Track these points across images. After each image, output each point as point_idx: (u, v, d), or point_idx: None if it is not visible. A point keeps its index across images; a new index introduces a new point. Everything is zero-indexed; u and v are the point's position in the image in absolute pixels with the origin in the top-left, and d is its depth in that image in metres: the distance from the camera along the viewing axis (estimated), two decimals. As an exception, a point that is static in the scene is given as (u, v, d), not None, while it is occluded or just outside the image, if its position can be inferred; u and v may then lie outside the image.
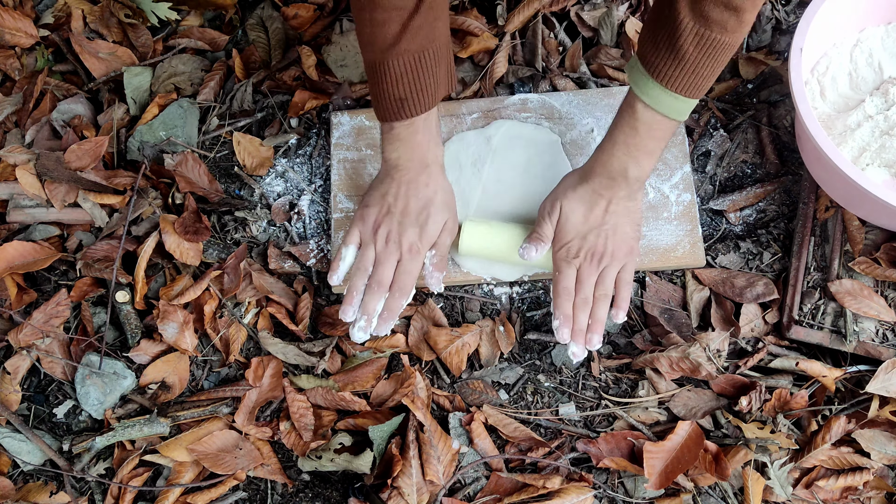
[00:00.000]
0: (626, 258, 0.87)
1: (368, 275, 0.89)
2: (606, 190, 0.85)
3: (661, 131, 0.81)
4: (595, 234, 0.86)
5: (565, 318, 0.86)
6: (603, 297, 0.87)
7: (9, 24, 1.12)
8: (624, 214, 0.86)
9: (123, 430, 0.92)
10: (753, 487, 0.86)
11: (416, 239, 0.88)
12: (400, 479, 0.87)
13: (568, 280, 0.87)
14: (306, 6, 1.13)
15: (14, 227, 1.03)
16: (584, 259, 0.87)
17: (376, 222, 0.89)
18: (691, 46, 0.72)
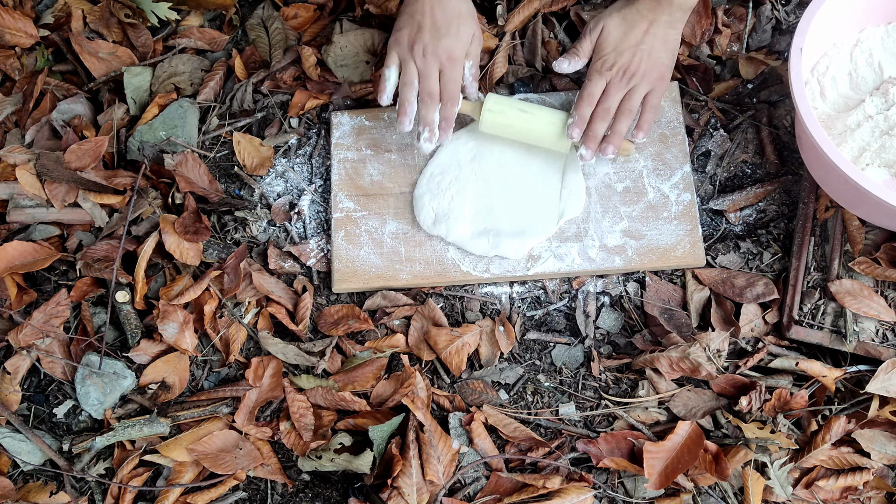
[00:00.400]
0: (657, 82, 0.91)
1: (416, 88, 0.92)
2: (650, 12, 0.88)
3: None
4: (631, 53, 0.90)
5: (580, 118, 0.91)
6: (627, 111, 0.91)
7: (9, 24, 1.11)
8: (662, 39, 0.90)
9: (123, 430, 0.92)
10: (753, 487, 0.86)
11: (452, 47, 0.91)
12: (400, 479, 0.87)
13: (595, 87, 0.91)
14: (306, 6, 1.13)
15: (14, 227, 1.03)
16: (616, 73, 0.90)
17: (410, 40, 0.91)
18: None
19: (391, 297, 0.98)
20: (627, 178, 1.00)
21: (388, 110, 1.05)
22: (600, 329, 0.97)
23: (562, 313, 0.98)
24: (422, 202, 0.99)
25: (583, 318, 0.97)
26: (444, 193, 0.99)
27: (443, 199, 0.99)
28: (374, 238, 0.99)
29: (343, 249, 0.99)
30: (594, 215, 0.98)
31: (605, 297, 0.98)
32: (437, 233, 0.98)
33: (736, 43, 1.08)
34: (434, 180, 1.00)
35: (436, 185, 1.00)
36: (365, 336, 0.98)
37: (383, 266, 0.98)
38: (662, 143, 1.00)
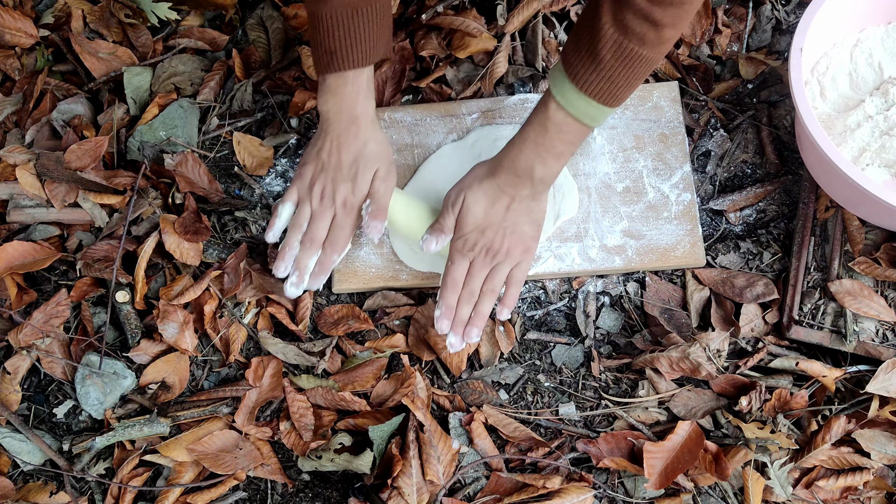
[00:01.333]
0: (521, 257, 0.88)
1: (303, 231, 0.90)
2: (510, 187, 0.85)
3: (572, 135, 0.80)
4: (493, 231, 0.86)
5: (447, 308, 0.87)
6: (489, 292, 0.88)
7: (9, 24, 1.11)
8: (525, 213, 0.86)
9: (123, 430, 0.92)
10: (753, 487, 0.86)
11: (349, 193, 0.89)
12: (400, 479, 0.87)
13: (458, 272, 0.88)
14: (306, 6, 1.13)
15: (14, 227, 1.03)
16: (479, 253, 0.87)
17: (312, 179, 0.90)
18: (609, 53, 0.72)
19: (391, 297, 0.98)
20: (627, 178, 1.00)
21: (388, 109, 1.05)
22: (600, 329, 0.97)
23: (562, 313, 0.98)
24: (399, 241, 0.98)
25: (583, 318, 0.97)
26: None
27: None
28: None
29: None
30: (594, 215, 0.98)
31: (605, 297, 0.98)
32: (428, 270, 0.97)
33: (736, 43, 1.08)
34: None
35: None
36: (365, 336, 0.98)
37: (383, 266, 0.98)
38: (662, 143, 1.00)
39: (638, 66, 0.73)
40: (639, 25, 0.69)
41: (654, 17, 0.68)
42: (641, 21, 0.69)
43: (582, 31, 0.74)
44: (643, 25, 0.69)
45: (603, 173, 1.00)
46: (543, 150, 0.82)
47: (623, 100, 0.77)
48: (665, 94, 1.02)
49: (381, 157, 0.90)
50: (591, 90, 0.75)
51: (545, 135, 0.81)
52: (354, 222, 0.91)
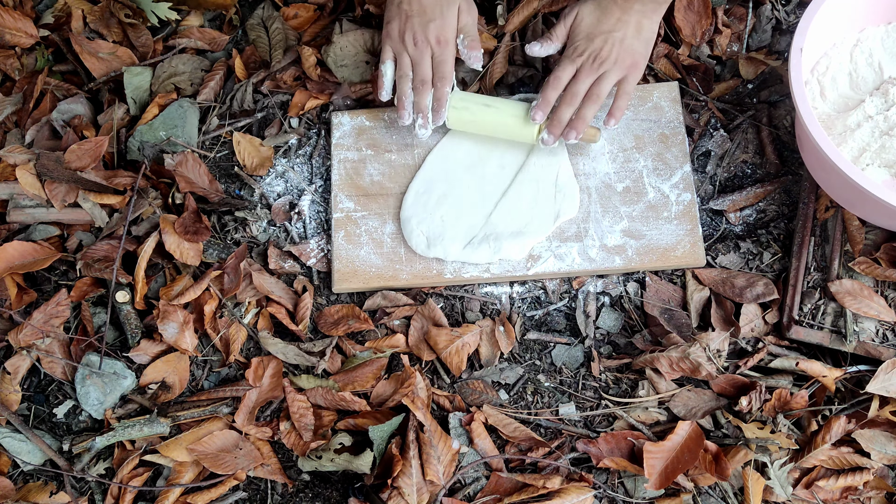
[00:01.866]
0: (630, 70, 0.89)
1: (411, 78, 0.94)
2: (623, 0, 0.87)
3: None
4: (602, 39, 0.88)
5: (545, 101, 0.89)
6: (595, 96, 0.89)
7: (9, 24, 1.11)
8: (635, 27, 0.88)
9: (123, 430, 0.92)
10: (753, 487, 0.86)
11: (440, 31, 0.93)
12: (400, 479, 0.87)
13: (563, 72, 0.89)
14: (306, 6, 1.13)
15: (14, 227, 1.03)
16: (587, 59, 0.89)
17: (400, 31, 0.94)
18: None
19: (391, 297, 0.98)
20: (627, 178, 1.00)
21: (388, 110, 1.05)
22: (600, 329, 0.97)
23: (562, 313, 0.98)
24: (410, 226, 0.98)
25: (583, 318, 0.97)
26: (432, 215, 0.98)
27: (432, 221, 0.98)
28: (374, 238, 0.99)
29: (343, 249, 0.99)
30: (594, 215, 0.98)
31: (605, 297, 0.98)
32: (434, 255, 0.97)
33: (736, 43, 1.08)
34: (420, 201, 0.99)
35: (422, 206, 0.99)
36: (365, 336, 0.98)
37: (383, 266, 0.98)
38: (662, 143, 1.01)
39: None
40: None
41: None
42: None
43: None
44: None
45: (603, 173, 1.00)
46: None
47: None
48: (665, 95, 1.02)
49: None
50: None
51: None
52: (452, 54, 0.95)
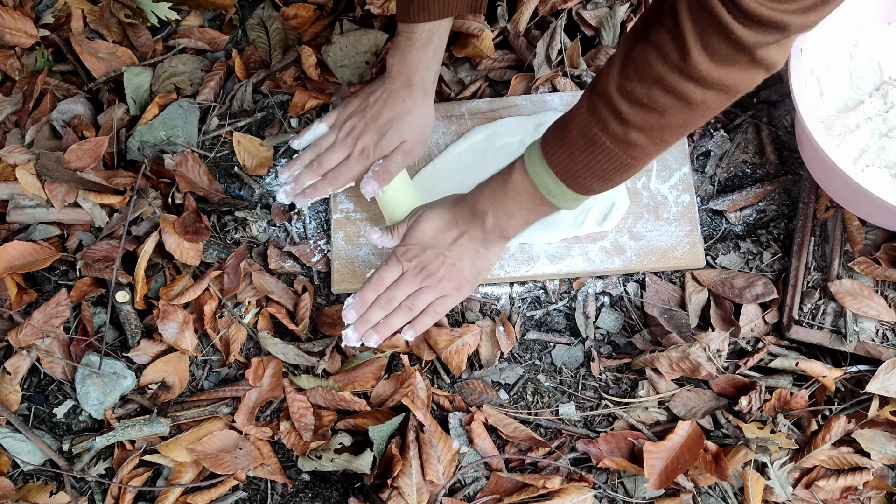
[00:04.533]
0: (451, 292, 0.87)
1: (319, 153, 0.96)
2: (464, 223, 0.84)
3: (525, 199, 0.78)
4: (434, 253, 0.86)
5: (361, 302, 0.87)
6: (406, 308, 0.86)
7: (9, 24, 1.11)
8: (471, 253, 0.86)
9: (123, 430, 0.92)
10: (753, 487, 0.86)
11: (370, 144, 0.93)
12: (400, 479, 0.87)
13: (388, 274, 0.87)
14: (306, 6, 1.13)
15: (14, 227, 1.03)
16: (413, 267, 0.86)
17: (350, 113, 0.95)
18: (574, 129, 0.70)
19: (391, 297, 0.99)
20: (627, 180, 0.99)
21: (388, 110, 1.05)
22: (600, 329, 0.97)
23: (562, 313, 0.98)
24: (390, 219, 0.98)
25: (583, 319, 0.97)
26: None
27: None
28: (374, 238, 0.99)
29: (343, 250, 0.99)
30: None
31: (605, 298, 0.98)
32: None
33: (736, 43, 1.08)
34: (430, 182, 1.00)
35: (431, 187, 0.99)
36: (365, 336, 0.98)
37: (383, 266, 0.98)
38: (662, 143, 1.00)
39: (600, 155, 0.69)
40: (605, 112, 0.67)
41: (619, 109, 0.66)
42: (608, 109, 0.67)
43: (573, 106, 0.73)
44: (609, 114, 0.67)
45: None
46: (497, 202, 0.80)
47: (584, 188, 0.73)
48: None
49: (415, 131, 0.93)
50: (553, 160, 0.73)
51: (503, 187, 0.79)
52: (362, 170, 0.95)
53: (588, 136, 0.69)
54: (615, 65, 0.66)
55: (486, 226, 0.83)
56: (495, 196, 0.81)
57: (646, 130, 0.66)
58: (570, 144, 0.71)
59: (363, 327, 0.87)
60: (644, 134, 0.67)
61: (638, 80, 0.64)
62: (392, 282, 0.87)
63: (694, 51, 0.60)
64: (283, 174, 0.97)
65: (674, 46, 0.61)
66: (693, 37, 0.59)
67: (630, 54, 0.65)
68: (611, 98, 0.66)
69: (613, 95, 0.66)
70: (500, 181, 0.80)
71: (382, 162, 0.93)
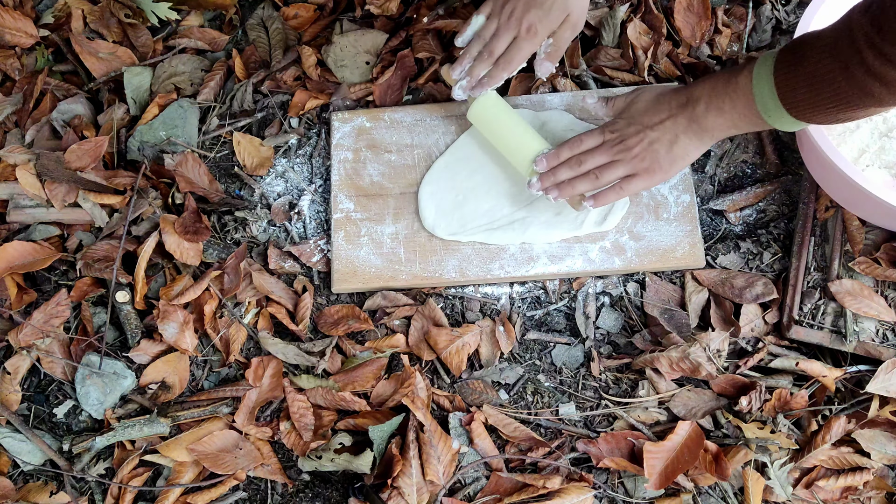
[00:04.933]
0: (642, 172, 0.86)
1: (485, 43, 0.92)
2: (676, 107, 0.84)
3: (741, 105, 0.79)
4: (636, 130, 0.86)
5: (556, 156, 0.89)
6: (593, 176, 0.88)
7: (9, 24, 1.12)
8: (670, 139, 0.85)
9: (123, 430, 0.92)
10: (753, 487, 0.86)
11: (536, 20, 0.90)
12: (400, 479, 0.87)
13: (589, 139, 0.88)
14: (306, 6, 1.13)
15: (14, 227, 1.03)
16: (613, 139, 0.87)
17: None
18: (812, 58, 0.69)
19: (391, 297, 0.98)
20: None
21: (387, 110, 1.05)
22: (600, 329, 0.97)
23: (562, 313, 0.98)
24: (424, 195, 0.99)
25: (583, 320, 0.97)
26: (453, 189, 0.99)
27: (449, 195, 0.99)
28: (374, 239, 0.99)
29: (343, 250, 0.99)
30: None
31: (605, 298, 0.98)
32: (440, 233, 0.98)
33: (736, 43, 1.08)
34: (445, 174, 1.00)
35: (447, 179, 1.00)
36: (365, 336, 0.98)
37: (383, 266, 0.98)
38: (662, 143, 1.00)
39: (831, 92, 0.69)
40: (849, 54, 0.66)
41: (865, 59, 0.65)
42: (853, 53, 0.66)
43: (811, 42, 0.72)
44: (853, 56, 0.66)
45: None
46: (714, 95, 0.81)
47: (804, 115, 0.73)
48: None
49: (577, 6, 0.91)
50: (780, 81, 0.73)
51: (725, 84, 0.80)
52: (532, 49, 0.92)
53: (823, 72, 0.69)
54: (867, 15, 0.65)
55: (695, 113, 0.83)
56: (714, 89, 0.81)
57: (888, 83, 0.66)
58: (800, 74, 0.71)
59: (549, 181, 0.89)
60: (885, 86, 0.66)
61: (891, 37, 0.63)
62: (590, 148, 0.88)
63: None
64: (455, 70, 0.94)
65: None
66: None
67: (887, 10, 0.63)
68: (858, 45, 0.65)
69: (861, 44, 0.65)
70: (725, 78, 0.80)
71: (552, 40, 0.93)
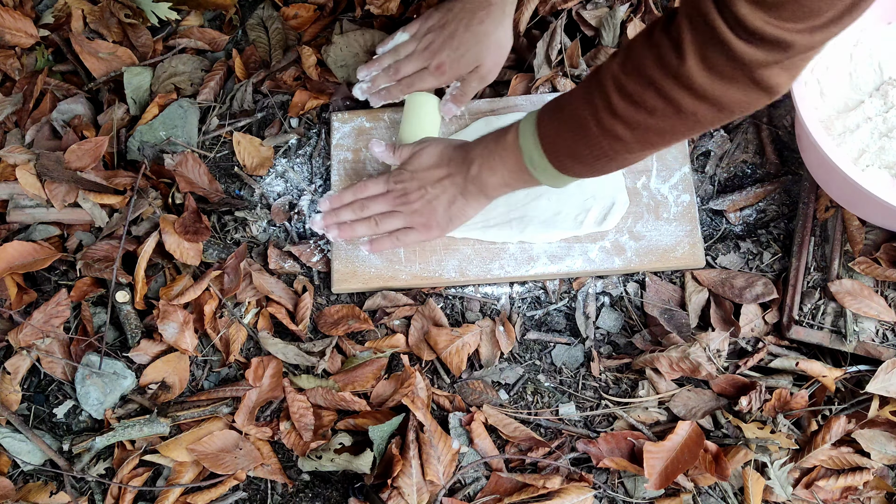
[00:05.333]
0: (419, 227, 0.90)
1: (397, 59, 0.97)
2: (454, 166, 0.86)
3: (511, 163, 0.80)
4: (418, 185, 0.88)
5: (339, 199, 0.93)
6: (373, 222, 0.91)
7: (9, 24, 1.11)
8: (449, 197, 0.87)
9: (123, 430, 0.92)
10: (753, 487, 0.86)
11: (447, 61, 0.93)
12: (400, 479, 0.87)
13: (373, 186, 0.91)
14: (306, 6, 1.13)
15: (14, 227, 1.03)
16: (397, 191, 0.89)
17: (430, 28, 0.95)
18: (567, 107, 0.71)
19: (391, 297, 0.98)
20: (627, 179, 1.00)
21: (388, 110, 1.05)
22: (600, 329, 0.97)
23: (562, 313, 0.98)
24: None
25: (583, 320, 0.97)
26: None
27: None
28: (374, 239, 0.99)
29: (343, 250, 0.99)
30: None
31: (605, 298, 0.98)
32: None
33: (736, 43, 1.08)
34: None
35: None
36: (365, 336, 0.98)
37: (383, 266, 0.98)
38: (662, 143, 1.00)
39: (584, 138, 0.70)
40: (597, 99, 0.67)
41: (611, 100, 0.66)
42: (601, 97, 0.67)
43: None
44: (600, 101, 0.67)
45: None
46: (486, 155, 0.82)
47: (564, 167, 0.74)
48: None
49: (490, 56, 0.93)
50: (542, 132, 0.75)
51: (495, 143, 0.81)
52: (435, 84, 0.96)
53: (577, 117, 0.70)
54: (618, 57, 0.67)
55: (470, 174, 0.84)
56: (486, 149, 0.83)
57: (632, 127, 0.67)
58: (559, 121, 0.73)
59: (331, 220, 0.93)
60: (630, 130, 0.67)
61: (634, 77, 0.64)
62: (373, 195, 0.91)
63: (690, 60, 0.59)
64: (361, 72, 0.98)
65: (672, 52, 0.60)
66: (692, 47, 0.59)
67: (632, 50, 0.65)
68: (605, 87, 0.67)
69: (608, 85, 0.66)
70: (495, 137, 0.82)
71: (459, 84, 0.96)
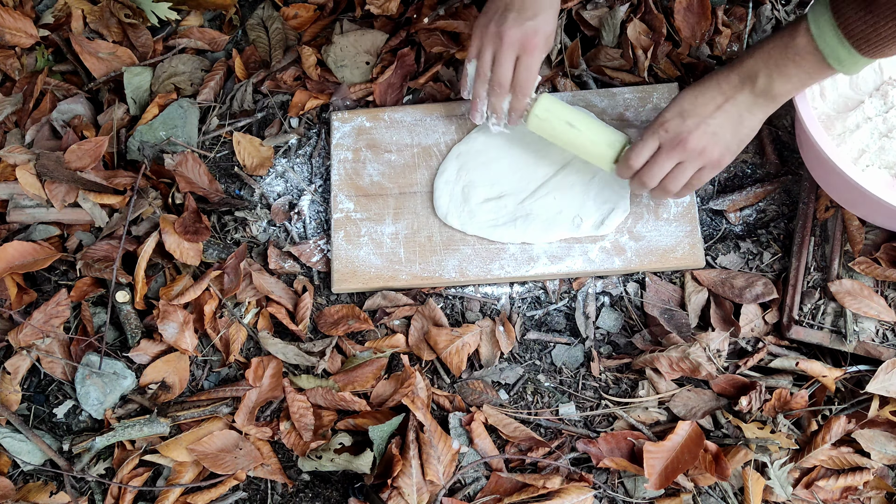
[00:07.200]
0: (710, 165, 0.85)
1: (489, 79, 0.92)
2: (729, 87, 0.81)
3: (809, 65, 0.75)
4: (695, 123, 0.83)
5: (629, 168, 0.87)
6: (661, 191, 0.86)
7: (9, 24, 1.12)
8: (734, 120, 0.82)
9: (123, 430, 0.92)
10: (753, 487, 0.86)
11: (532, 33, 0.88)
12: (400, 479, 0.87)
13: (645, 149, 0.85)
14: (306, 6, 1.13)
15: (14, 227, 1.03)
16: (671, 140, 0.83)
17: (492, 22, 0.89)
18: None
19: (391, 297, 0.99)
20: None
21: (387, 110, 1.05)
22: (600, 329, 0.97)
23: (562, 313, 0.98)
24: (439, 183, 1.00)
25: (583, 319, 0.97)
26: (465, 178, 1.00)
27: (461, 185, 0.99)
28: (374, 239, 0.99)
29: (343, 250, 0.99)
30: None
31: (605, 298, 0.98)
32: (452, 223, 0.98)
33: (736, 43, 1.08)
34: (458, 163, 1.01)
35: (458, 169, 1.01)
36: (365, 336, 0.98)
37: (383, 266, 0.98)
38: (662, 143, 1.00)
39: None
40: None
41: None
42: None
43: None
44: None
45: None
46: (773, 64, 0.78)
47: (884, 54, 0.71)
48: (665, 95, 1.02)
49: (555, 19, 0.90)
50: (851, 31, 0.70)
51: (783, 51, 0.77)
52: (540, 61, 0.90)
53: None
54: None
55: (757, 88, 0.80)
56: (771, 59, 0.78)
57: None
58: (875, 13, 0.68)
59: (640, 190, 0.90)
60: None
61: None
62: (649, 157, 0.86)
63: None
64: (475, 118, 0.96)
65: None
66: None
67: None
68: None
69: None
70: (780, 45, 0.77)
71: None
